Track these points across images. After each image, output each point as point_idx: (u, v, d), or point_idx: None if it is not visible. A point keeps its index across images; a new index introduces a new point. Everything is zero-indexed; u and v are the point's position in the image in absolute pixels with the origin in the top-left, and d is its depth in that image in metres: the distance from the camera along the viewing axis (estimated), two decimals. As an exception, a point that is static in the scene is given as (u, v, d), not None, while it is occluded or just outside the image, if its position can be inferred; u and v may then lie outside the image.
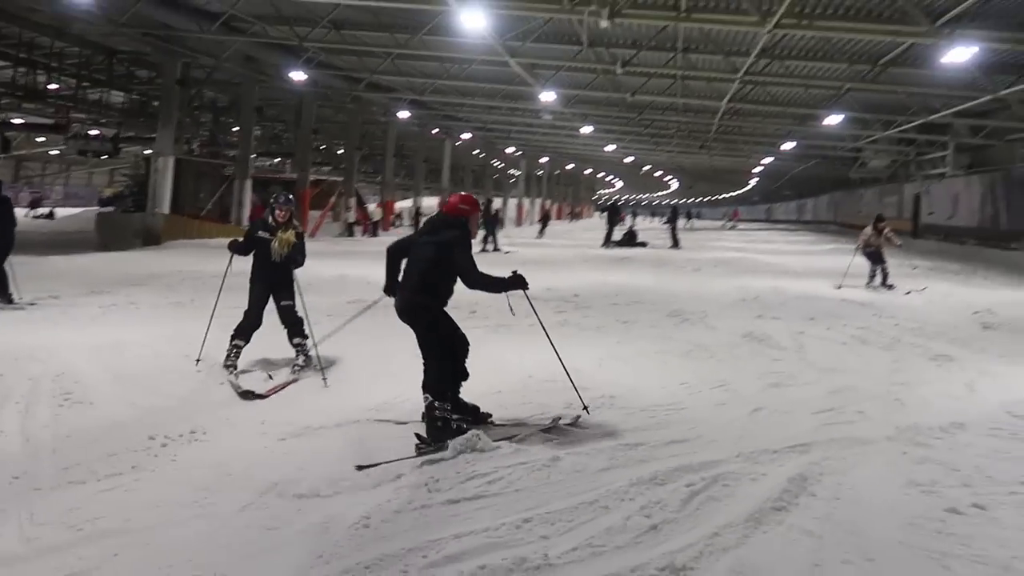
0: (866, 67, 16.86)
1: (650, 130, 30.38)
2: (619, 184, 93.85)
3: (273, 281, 5.94)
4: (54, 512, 3.22)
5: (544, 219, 34.55)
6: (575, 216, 68.67)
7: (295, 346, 5.99)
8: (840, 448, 4.19)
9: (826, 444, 4.25)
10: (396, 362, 6.28)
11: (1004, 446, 4.29)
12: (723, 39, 15.92)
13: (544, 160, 53.35)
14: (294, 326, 5.99)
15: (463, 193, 5.10)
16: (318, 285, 11.08)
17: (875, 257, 13.05)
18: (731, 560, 2.84)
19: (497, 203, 34.12)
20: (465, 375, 4.63)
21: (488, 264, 15.85)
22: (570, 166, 61.28)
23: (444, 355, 4.49)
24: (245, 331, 5.83)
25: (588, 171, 69.03)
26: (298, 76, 20.94)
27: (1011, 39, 12.79)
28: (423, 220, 31.58)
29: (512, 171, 53.25)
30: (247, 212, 24.04)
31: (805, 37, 14.93)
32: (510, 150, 44.76)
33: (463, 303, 9.91)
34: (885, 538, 3.06)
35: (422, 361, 4.52)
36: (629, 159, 47.08)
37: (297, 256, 5.96)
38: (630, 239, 24.84)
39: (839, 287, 12.66)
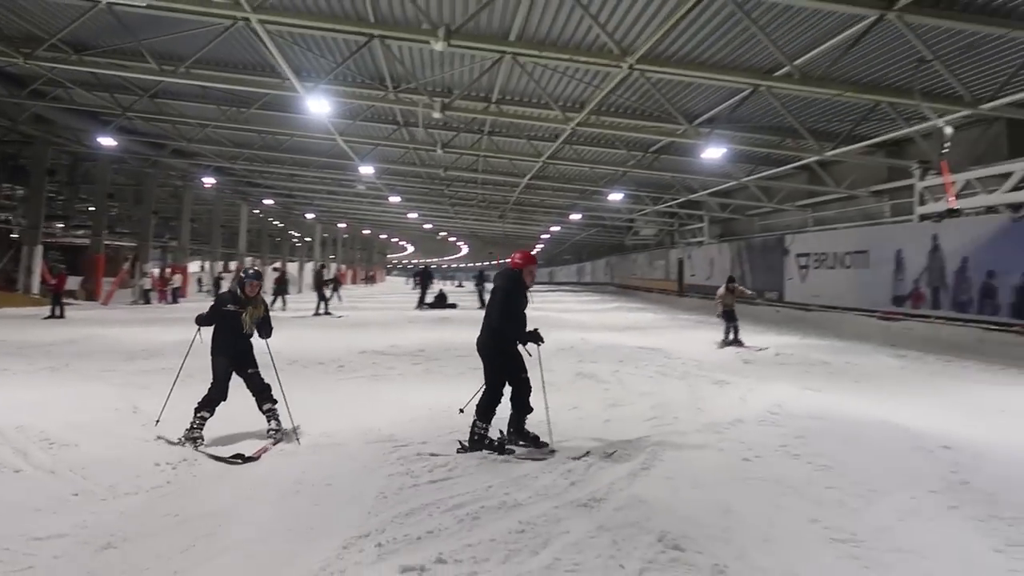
0: (640, 154, 20.31)
1: (453, 200, 32.78)
2: (411, 248, 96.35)
3: (238, 353, 6.08)
4: (138, 509, 4.20)
5: (335, 283, 34.33)
6: (370, 280, 69.61)
7: (266, 412, 6.13)
8: (670, 437, 6.12)
9: (661, 436, 6.17)
10: (326, 403, 7.44)
11: (768, 430, 6.49)
12: (525, 127, 18.45)
13: (342, 226, 54.31)
14: (263, 393, 6.12)
15: (525, 250, 6.14)
16: (174, 351, 11.61)
17: (729, 316, 14.44)
18: (627, 493, 4.57)
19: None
20: (529, 409, 5.81)
21: (321, 327, 16.92)
22: (366, 231, 62.65)
23: (497, 387, 5.71)
24: (211, 403, 5.91)
25: (383, 236, 70.69)
26: (107, 142, 20.63)
27: (749, 140, 16.48)
28: (225, 284, 30.83)
29: (307, 238, 53.58)
30: (36, 279, 22.85)
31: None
32: (310, 216, 45.23)
33: (330, 359, 11.09)
34: (710, 476, 4.98)
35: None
36: (428, 226, 49.42)
37: (265, 328, 6.29)
38: (441, 301, 26.64)
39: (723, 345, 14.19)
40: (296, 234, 54.56)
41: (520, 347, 5.85)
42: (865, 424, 6.70)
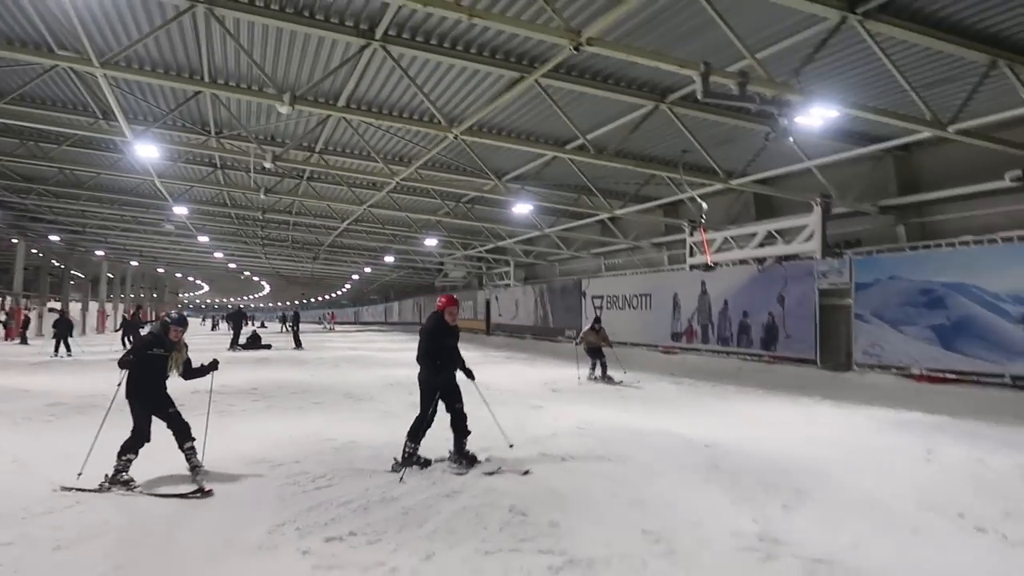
0: (453, 203, 21.96)
1: (264, 241, 32.56)
2: (206, 287, 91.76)
3: (159, 395, 6.20)
4: (66, 522, 4.83)
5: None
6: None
7: (186, 450, 6.22)
8: (503, 450, 7.48)
9: (495, 448, 7.52)
10: None
11: (578, 439, 8.13)
12: (347, 176, 19.33)
13: (134, 264, 51.11)
14: (183, 431, 6.22)
15: (448, 294, 7.10)
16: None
17: (594, 353, 15.41)
18: (479, 486, 5.89)
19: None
20: (467, 433, 6.83)
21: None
22: (161, 270, 59.24)
23: (426, 413, 6.60)
24: (135, 447, 5.94)
25: (178, 275, 67.05)
26: None
27: (551, 196, 18.64)
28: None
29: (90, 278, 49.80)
30: None
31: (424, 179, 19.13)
32: (100, 253, 42.31)
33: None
34: (539, 470, 6.42)
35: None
36: (232, 265, 48.00)
37: (189, 372, 6.51)
38: (255, 342, 26.41)
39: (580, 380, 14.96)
40: (79, 273, 50.44)
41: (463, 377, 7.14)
42: (650, 432, 8.53)
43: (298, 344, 27.41)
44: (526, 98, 12.32)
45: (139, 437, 5.98)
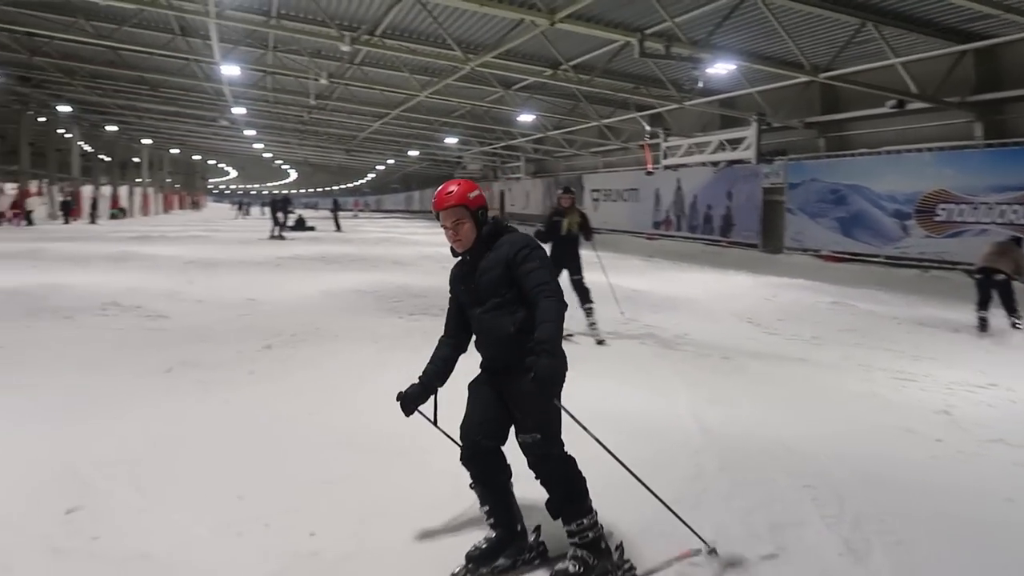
0: (471, 104, 25.38)
1: (304, 130, 35.29)
2: (234, 173, 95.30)
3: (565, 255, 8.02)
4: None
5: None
6: (196, 205, 68.64)
7: (587, 311, 8.00)
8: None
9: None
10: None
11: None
12: (406, 61, 21.51)
13: (175, 151, 53.59)
14: (585, 294, 8.08)
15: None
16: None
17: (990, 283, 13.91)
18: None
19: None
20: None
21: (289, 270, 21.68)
22: (197, 157, 62.12)
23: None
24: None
25: (212, 161, 70.18)
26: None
27: (556, 103, 22.26)
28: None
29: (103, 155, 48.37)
30: None
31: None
32: (146, 141, 44.68)
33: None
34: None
35: None
36: (268, 154, 51.34)
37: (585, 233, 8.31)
38: (301, 224, 30.51)
39: None
40: (104, 156, 47.80)
41: None
42: (619, 288, 12.68)
43: (338, 227, 31.64)
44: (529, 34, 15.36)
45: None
